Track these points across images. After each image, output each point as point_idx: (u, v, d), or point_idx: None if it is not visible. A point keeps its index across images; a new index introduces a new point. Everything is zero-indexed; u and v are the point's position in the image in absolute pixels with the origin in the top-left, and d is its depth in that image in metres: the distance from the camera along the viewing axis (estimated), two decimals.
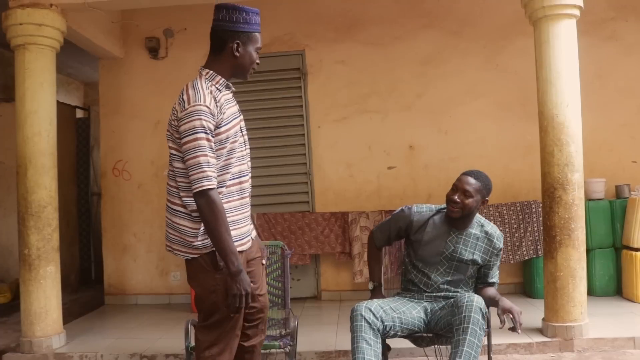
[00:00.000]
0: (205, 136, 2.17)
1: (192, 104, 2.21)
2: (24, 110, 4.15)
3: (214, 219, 2.16)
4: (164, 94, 5.90)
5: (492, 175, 5.44)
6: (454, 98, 5.62)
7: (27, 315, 4.13)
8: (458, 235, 2.90)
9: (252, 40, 2.34)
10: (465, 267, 2.91)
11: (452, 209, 2.83)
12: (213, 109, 2.21)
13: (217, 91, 2.29)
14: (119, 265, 5.96)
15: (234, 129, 2.31)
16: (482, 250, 2.91)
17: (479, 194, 2.82)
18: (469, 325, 2.55)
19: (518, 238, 5.23)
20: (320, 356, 3.89)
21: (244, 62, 2.38)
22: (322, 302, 5.60)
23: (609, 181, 5.34)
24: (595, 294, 5.03)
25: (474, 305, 2.59)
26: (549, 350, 3.82)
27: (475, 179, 2.85)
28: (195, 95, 2.23)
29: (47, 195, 4.18)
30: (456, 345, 2.55)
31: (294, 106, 5.72)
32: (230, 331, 2.29)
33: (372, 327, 2.67)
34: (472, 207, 2.81)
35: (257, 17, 2.33)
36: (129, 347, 4.16)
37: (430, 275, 2.92)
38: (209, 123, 2.18)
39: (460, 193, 2.81)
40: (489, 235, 2.92)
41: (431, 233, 2.91)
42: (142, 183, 5.93)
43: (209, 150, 2.18)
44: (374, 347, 2.62)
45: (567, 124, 3.90)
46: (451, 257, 2.90)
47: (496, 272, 3.01)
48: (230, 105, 2.33)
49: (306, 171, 5.70)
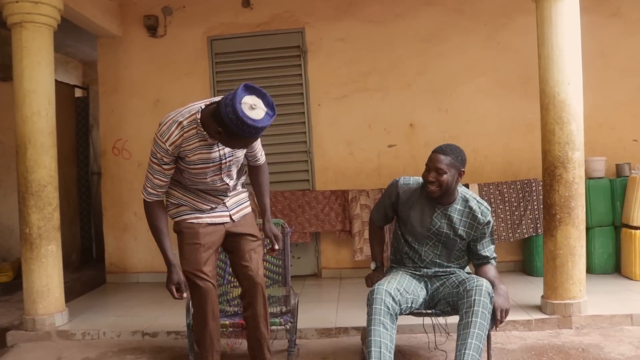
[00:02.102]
0: (155, 161, 2.61)
1: (158, 133, 2.57)
2: (22, 89, 4.12)
3: (148, 219, 2.75)
4: (163, 72, 5.88)
5: (493, 153, 5.55)
6: (454, 76, 5.59)
7: (30, 293, 4.16)
8: (443, 212, 2.97)
9: (243, 138, 2.44)
10: (452, 243, 2.98)
11: (430, 189, 2.88)
12: (172, 149, 2.55)
13: (188, 136, 2.55)
14: (120, 244, 5.99)
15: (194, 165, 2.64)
16: (467, 225, 2.96)
17: (452, 168, 2.85)
18: (478, 309, 2.63)
19: (518, 216, 5.24)
20: (320, 333, 3.93)
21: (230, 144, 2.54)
22: (322, 279, 5.64)
23: (610, 160, 5.34)
24: (594, 271, 5.06)
25: (483, 290, 2.69)
26: (548, 327, 3.85)
27: (444, 155, 2.87)
28: (166, 129, 2.55)
29: (47, 174, 4.18)
30: (466, 327, 2.60)
31: (294, 84, 5.69)
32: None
33: (390, 312, 2.72)
34: (449, 182, 2.85)
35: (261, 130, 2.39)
36: (131, 325, 4.20)
37: (421, 251, 3.02)
38: (162, 156, 2.58)
39: (433, 172, 2.85)
40: (473, 211, 2.96)
41: (418, 209, 2.99)
42: (142, 162, 5.93)
43: (155, 172, 2.63)
44: (390, 332, 2.68)
45: (569, 102, 3.88)
46: (438, 232, 2.98)
47: (489, 247, 3.02)
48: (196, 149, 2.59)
49: (306, 149, 5.69)
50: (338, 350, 3.63)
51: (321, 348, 3.70)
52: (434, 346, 3.44)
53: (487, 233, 3.00)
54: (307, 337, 3.90)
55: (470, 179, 5.42)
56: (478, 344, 2.55)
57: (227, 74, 5.73)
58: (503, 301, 2.78)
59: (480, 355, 2.56)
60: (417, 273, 3.04)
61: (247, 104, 2.35)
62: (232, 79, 5.71)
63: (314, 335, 3.92)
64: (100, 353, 3.78)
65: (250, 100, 2.37)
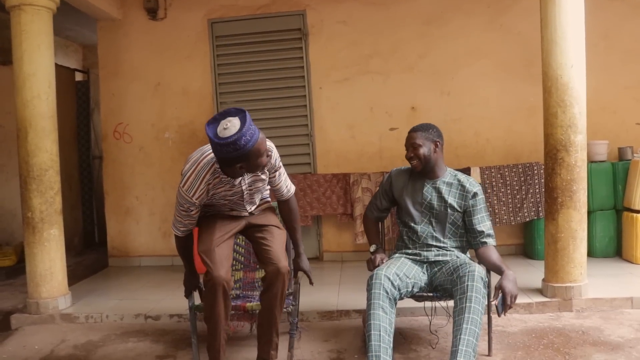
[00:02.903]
0: (183, 209, 2.75)
1: (183, 188, 2.68)
2: (22, 73, 4.10)
3: (178, 249, 2.97)
4: (163, 55, 5.85)
5: (494, 136, 5.54)
6: (456, 59, 5.55)
7: (33, 277, 4.18)
8: (432, 185, 3.11)
9: (247, 157, 2.52)
10: (444, 215, 3.07)
11: (412, 165, 3.10)
12: (198, 201, 2.70)
13: (214, 184, 2.70)
14: (122, 228, 6.00)
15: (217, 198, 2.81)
16: (457, 195, 3.07)
17: (427, 140, 3.06)
18: (472, 294, 2.66)
19: (519, 200, 5.24)
20: (322, 316, 3.95)
21: (249, 170, 2.65)
22: (323, 262, 5.66)
23: (612, 143, 5.32)
24: (595, 255, 5.07)
25: (476, 275, 2.73)
26: (548, 310, 3.87)
27: (417, 131, 3.10)
28: (190, 186, 2.66)
29: (48, 158, 4.18)
30: (460, 313, 2.63)
31: (295, 67, 5.66)
32: None
33: (389, 296, 2.76)
34: (427, 154, 3.04)
35: (244, 139, 2.43)
36: (134, 308, 4.23)
37: (417, 229, 3.10)
38: (189, 206, 2.72)
39: (410, 148, 3.08)
40: (461, 182, 3.10)
41: (410, 188, 3.15)
42: (143, 146, 5.93)
43: (184, 216, 2.78)
44: (389, 316, 2.71)
45: (572, 85, 3.85)
46: (430, 206, 3.09)
47: (485, 222, 3.06)
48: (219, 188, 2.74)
49: (308, 132, 5.68)
50: (340, 333, 3.66)
51: (323, 330, 3.73)
52: (434, 329, 3.46)
53: (479, 206, 3.05)
54: (309, 320, 3.93)
55: (471, 162, 5.41)
56: (474, 328, 2.57)
57: (228, 57, 5.70)
58: (512, 287, 2.78)
59: (477, 339, 2.57)
60: (417, 258, 3.07)
61: (220, 126, 2.46)
62: (233, 62, 5.69)
63: (316, 318, 3.94)
64: (104, 336, 3.81)
65: (224, 123, 2.46)
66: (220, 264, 2.76)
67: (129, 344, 3.64)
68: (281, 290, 2.85)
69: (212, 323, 2.80)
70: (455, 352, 2.53)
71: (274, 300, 2.86)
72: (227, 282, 2.76)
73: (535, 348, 3.22)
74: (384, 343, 2.61)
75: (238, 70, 5.70)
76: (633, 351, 3.11)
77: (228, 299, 2.80)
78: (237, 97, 5.71)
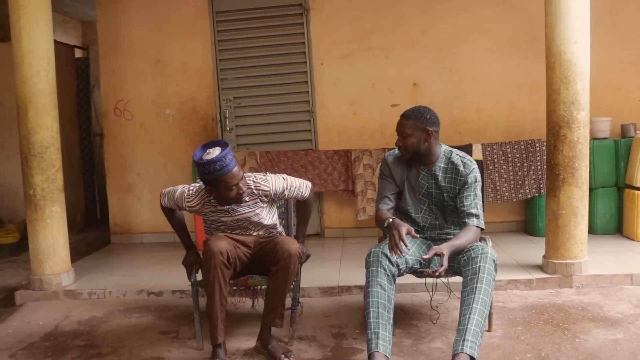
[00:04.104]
0: (176, 189, 3.13)
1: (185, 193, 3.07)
2: (20, 49, 4.07)
3: (167, 217, 3.25)
4: (163, 31, 5.80)
5: (497, 113, 5.51)
6: (459, 35, 5.50)
7: (36, 254, 4.21)
8: (428, 172, 3.01)
9: (217, 184, 2.82)
10: (440, 201, 3.02)
11: (401, 154, 3.02)
12: (186, 195, 3.05)
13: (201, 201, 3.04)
14: (124, 205, 6.02)
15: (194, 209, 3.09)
16: (451, 180, 2.98)
17: (416, 130, 2.91)
18: (483, 275, 2.64)
19: (521, 176, 5.23)
20: (323, 291, 3.98)
21: (221, 199, 2.92)
22: (325, 239, 5.69)
23: (615, 120, 5.28)
24: (596, 232, 5.08)
25: (488, 257, 2.70)
26: (548, 287, 3.89)
27: (407, 119, 2.94)
28: (194, 186, 3.09)
29: (49, 135, 4.17)
30: (470, 293, 2.61)
31: (296, 43, 5.61)
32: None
33: (387, 272, 2.74)
34: (415, 144, 2.92)
35: (220, 162, 2.75)
36: (136, 284, 4.26)
37: (418, 219, 3.07)
38: (180, 193, 3.08)
39: (399, 136, 2.95)
40: (455, 165, 2.97)
41: (406, 177, 3.05)
42: (144, 122, 5.91)
43: (172, 193, 3.12)
44: (387, 292, 2.71)
45: (575, 61, 3.81)
46: (428, 193, 3.03)
47: (475, 202, 2.92)
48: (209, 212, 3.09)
49: (309, 109, 5.65)
50: (341, 309, 3.69)
51: (324, 306, 3.75)
52: (435, 305, 3.49)
53: (469, 185, 2.92)
54: (311, 296, 3.95)
55: (473, 139, 5.40)
56: (483, 309, 2.57)
57: (229, 33, 5.65)
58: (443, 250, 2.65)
59: (485, 320, 2.58)
60: (420, 234, 3.07)
61: (206, 151, 2.86)
62: (234, 37, 5.64)
63: (317, 294, 3.97)
64: (107, 312, 3.85)
65: (210, 149, 2.85)
66: (220, 237, 2.93)
67: (132, 320, 3.68)
68: (293, 267, 2.92)
69: (210, 290, 2.85)
70: (463, 330, 2.52)
71: (285, 274, 2.91)
72: (227, 250, 2.86)
73: (535, 323, 3.25)
74: (382, 319, 2.62)
75: (239, 46, 5.65)
76: (632, 327, 3.14)
77: (227, 267, 2.87)
78: (237, 73, 5.67)
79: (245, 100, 5.69)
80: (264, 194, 3.01)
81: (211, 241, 2.91)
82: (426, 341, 3.07)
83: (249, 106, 5.68)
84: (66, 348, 3.24)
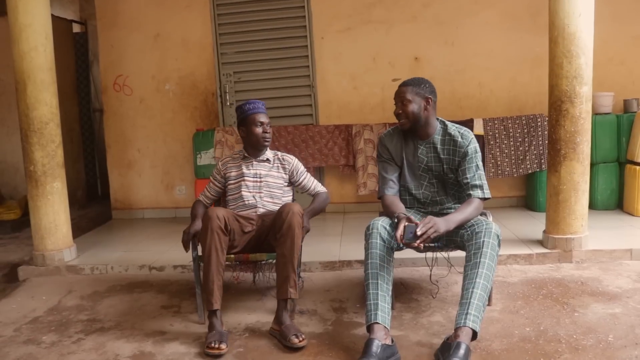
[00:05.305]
0: (211, 177, 3.46)
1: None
2: (17, 23, 4.02)
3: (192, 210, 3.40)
4: (163, 5, 5.73)
5: (499, 87, 5.47)
6: (461, 8, 5.43)
7: (38, 229, 4.23)
8: (426, 146, 2.99)
9: (248, 122, 3.25)
10: (440, 174, 3.00)
11: (400, 123, 2.95)
12: (220, 169, 3.40)
13: (233, 159, 3.41)
14: (125, 180, 6.02)
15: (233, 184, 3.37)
16: (450, 152, 2.95)
17: (417, 96, 2.89)
18: (487, 250, 2.64)
19: (522, 152, 5.22)
20: (324, 266, 4.00)
21: (249, 139, 3.28)
22: (326, 214, 5.67)
23: (618, 95, 5.25)
24: (597, 207, 5.09)
25: (492, 232, 2.69)
26: (548, 261, 3.91)
27: (407, 86, 2.92)
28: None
29: (48, 111, 4.14)
30: (474, 267, 2.61)
31: (297, 17, 5.55)
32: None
33: (387, 245, 2.74)
34: (416, 111, 2.89)
35: (253, 104, 3.26)
36: (138, 259, 4.28)
37: (419, 195, 3.06)
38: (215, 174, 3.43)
39: (399, 103, 2.92)
40: (452, 137, 2.94)
41: (405, 153, 3.02)
42: (143, 98, 5.88)
43: (210, 183, 3.45)
44: (387, 265, 2.71)
45: (579, 34, 3.77)
46: (427, 168, 3.01)
47: (478, 173, 2.90)
48: (236, 169, 3.37)
49: (310, 83, 5.62)
50: (341, 283, 3.71)
51: (325, 281, 3.78)
52: (435, 279, 3.51)
53: (471, 157, 2.90)
54: (312, 270, 3.98)
55: (474, 114, 5.37)
56: (486, 284, 2.57)
57: (228, 7, 5.58)
58: (438, 226, 2.60)
59: (487, 295, 2.59)
60: (422, 210, 3.08)
61: None
62: (233, 11, 5.57)
63: (318, 268, 4.00)
64: (109, 287, 3.87)
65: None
66: (221, 208, 3.04)
67: (134, 295, 3.70)
68: (297, 229, 2.90)
69: (207, 255, 2.89)
70: (465, 304, 2.52)
71: (291, 236, 2.89)
72: (224, 217, 2.93)
73: (535, 298, 3.27)
74: (381, 290, 2.63)
75: (238, 20, 5.59)
76: (630, 301, 3.16)
77: (224, 233, 2.92)
78: (237, 48, 5.62)
79: (245, 75, 5.65)
80: (286, 163, 3.36)
81: (210, 209, 2.98)
82: (426, 315, 3.10)
83: (249, 81, 5.65)
84: (69, 322, 3.27)
